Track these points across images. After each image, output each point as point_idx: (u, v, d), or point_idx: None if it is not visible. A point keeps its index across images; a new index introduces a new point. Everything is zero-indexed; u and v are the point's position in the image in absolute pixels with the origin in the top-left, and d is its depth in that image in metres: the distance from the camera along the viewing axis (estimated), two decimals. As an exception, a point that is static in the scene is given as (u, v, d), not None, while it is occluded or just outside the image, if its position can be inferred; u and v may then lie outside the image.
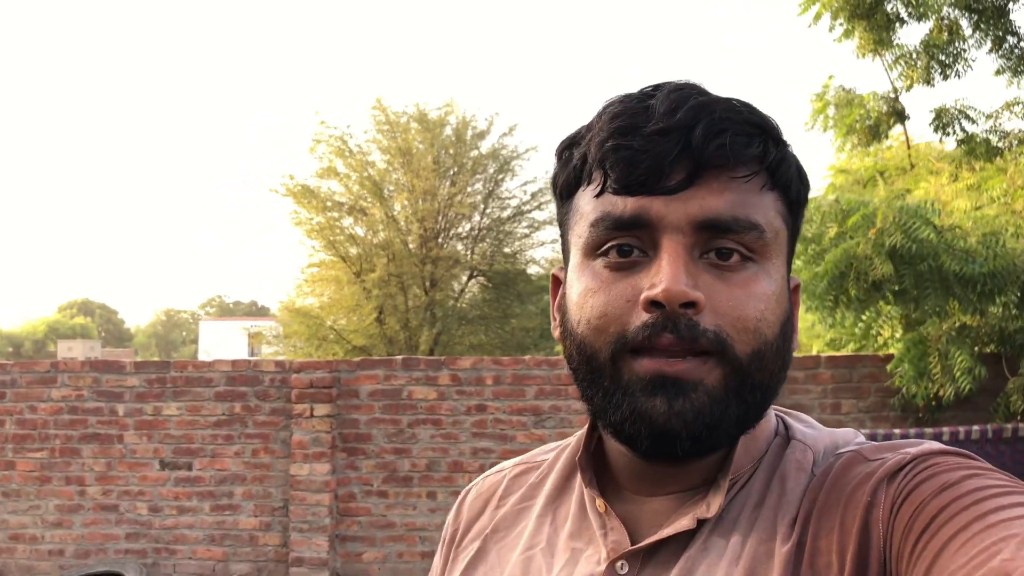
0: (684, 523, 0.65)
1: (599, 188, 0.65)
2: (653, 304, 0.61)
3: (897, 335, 5.16)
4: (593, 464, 0.73)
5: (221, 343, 42.97)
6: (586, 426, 0.74)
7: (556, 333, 0.71)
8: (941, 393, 4.63)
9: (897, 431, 4.40)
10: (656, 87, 0.66)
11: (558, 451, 0.80)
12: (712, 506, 0.65)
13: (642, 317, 0.62)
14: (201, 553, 5.58)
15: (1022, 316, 4.65)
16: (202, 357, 45.40)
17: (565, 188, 0.69)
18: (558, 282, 0.73)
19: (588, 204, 0.66)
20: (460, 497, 0.84)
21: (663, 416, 0.62)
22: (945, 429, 4.41)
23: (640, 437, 0.63)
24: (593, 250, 0.66)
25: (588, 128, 0.67)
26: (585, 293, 0.65)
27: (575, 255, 0.68)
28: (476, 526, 0.79)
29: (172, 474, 5.61)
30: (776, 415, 0.72)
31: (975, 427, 4.46)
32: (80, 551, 5.61)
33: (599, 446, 0.74)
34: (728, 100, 0.65)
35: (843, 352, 6.75)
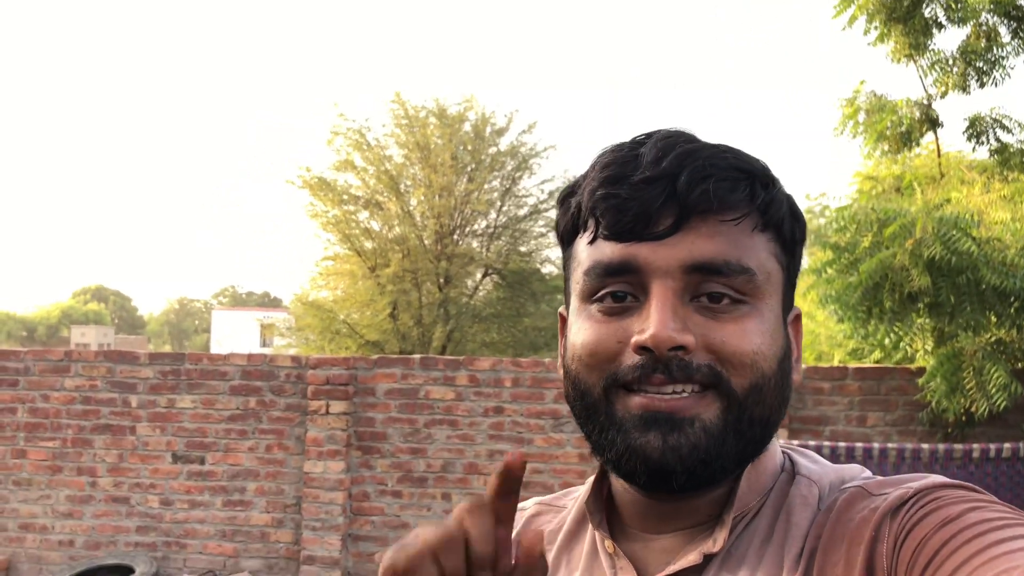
0: (691, 559, 0.66)
1: (592, 236, 0.67)
2: (643, 348, 0.63)
3: (928, 347, 5.03)
4: (604, 506, 0.74)
5: (233, 333, 43.22)
6: (597, 470, 0.75)
7: (560, 373, 0.74)
8: (973, 409, 4.50)
9: (925, 446, 4.27)
10: (648, 135, 0.68)
11: (576, 495, 0.82)
12: (718, 541, 0.66)
13: (633, 358, 0.64)
14: (212, 548, 5.51)
15: (1060, 332, 4.52)
16: (214, 347, 45.63)
17: (565, 235, 0.72)
18: (564, 321, 0.75)
19: (583, 251, 0.69)
20: None
21: (657, 452, 0.63)
22: (976, 446, 4.28)
23: (636, 473, 0.65)
24: (589, 296, 0.68)
25: (584, 177, 0.70)
26: (580, 334, 0.68)
27: (574, 300, 0.70)
28: None
29: (184, 467, 5.55)
30: (782, 451, 0.73)
31: (1007, 444, 4.34)
32: (90, 542, 5.56)
33: (609, 489, 0.76)
34: (715, 147, 0.67)
35: (866, 361, 6.63)
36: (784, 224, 0.69)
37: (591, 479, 0.78)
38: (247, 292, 79.77)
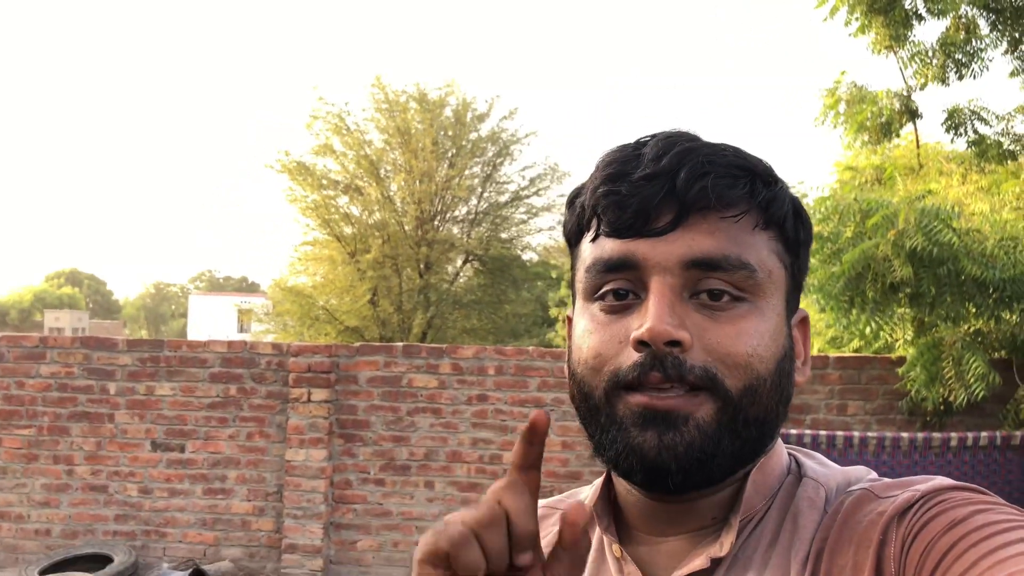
0: (698, 563, 0.66)
1: (594, 234, 0.68)
2: (641, 343, 0.63)
3: (908, 337, 5.08)
4: (611, 509, 0.74)
5: (211, 318, 42.83)
6: (603, 474, 0.76)
7: (567, 372, 0.74)
8: (952, 398, 4.56)
9: (905, 435, 4.33)
10: (652, 135, 0.69)
11: (580, 500, 0.81)
12: (725, 545, 0.66)
13: (632, 357, 0.64)
14: (192, 537, 5.48)
15: (1037, 323, 4.58)
16: (191, 332, 45.22)
17: (572, 236, 0.73)
18: (572, 323, 0.75)
19: (586, 250, 0.70)
20: None
21: (653, 450, 0.63)
22: (954, 434, 4.34)
23: (634, 471, 0.65)
24: (591, 294, 0.69)
25: (589, 177, 0.71)
26: (583, 335, 0.69)
27: (578, 299, 0.71)
28: None
29: (164, 455, 5.50)
30: (788, 453, 0.73)
31: (984, 433, 4.41)
32: (67, 531, 5.50)
33: (615, 492, 0.76)
34: (716, 145, 0.68)
35: (845, 350, 6.69)
36: (787, 223, 0.69)
37: (598, 482, 0.78)
38: (224, 277, 79.10)
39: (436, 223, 16.84)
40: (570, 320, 0.75)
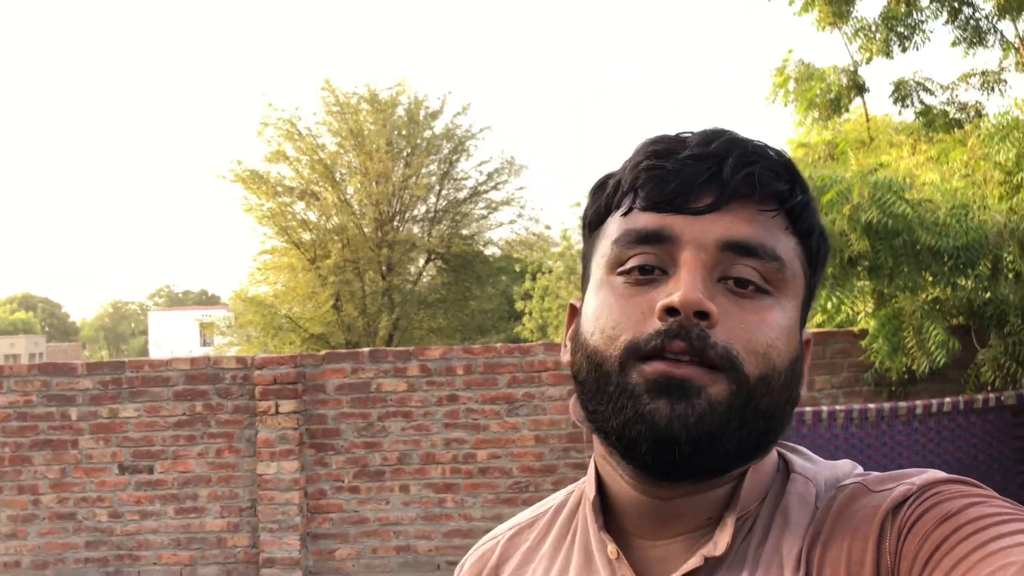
0: (692, 562, 0.65)
1: (628, 208, 0.68)
2: (668, 312, 0.63)
3: (869, 310, 5.16)
4: (602, 510, 0.72)
5: (172, 334, 42.16)
6: (591, 475, 0.73)
7: (565, 359, 0.72)
8: (915, 367, 4.64)
9: (872, 406, 4.39)
10: (693, 131, 0.69)
11: (552, 509, 0.80)
12: (720, 544, 0.65)
13: (655, 325, 0.63)
14: (167, 558, 5.38)
15: (992, 288, 4.68)
16: (152, 349, 44.46)
17: (595, 219, 0.72)
18: (575, 312, 0.74)
19: (615, 224, 0.69)
20: (456, 571, 0.84)
21: (664, 419, 0.62)
22: (919, 402, 4.42)
23: (640, 440, 0.63)
24: (615, 266, 0.67)
25: (624, 162, 0.70)
26: (602, 305, 0.67)
27: (596, 274, 0.70)
28: None
29: (132, 478, 5.39)
30: (776, 450, 0.72)
31: (947, 399, 4.49)
32: (37, 562, 5.37)
33: (605, 496, 0.73)
34: (762, 142, 0.68)
35: (808, 326, 6.78)
36: (813, 236, 0.70)
37: (575, 486, 0.76)
38: (183, 291, 77.85)
39: (395, 224, 16.73)
40: (573, 308, 0.75)
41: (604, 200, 0.71)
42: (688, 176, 0.65)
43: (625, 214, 0.68)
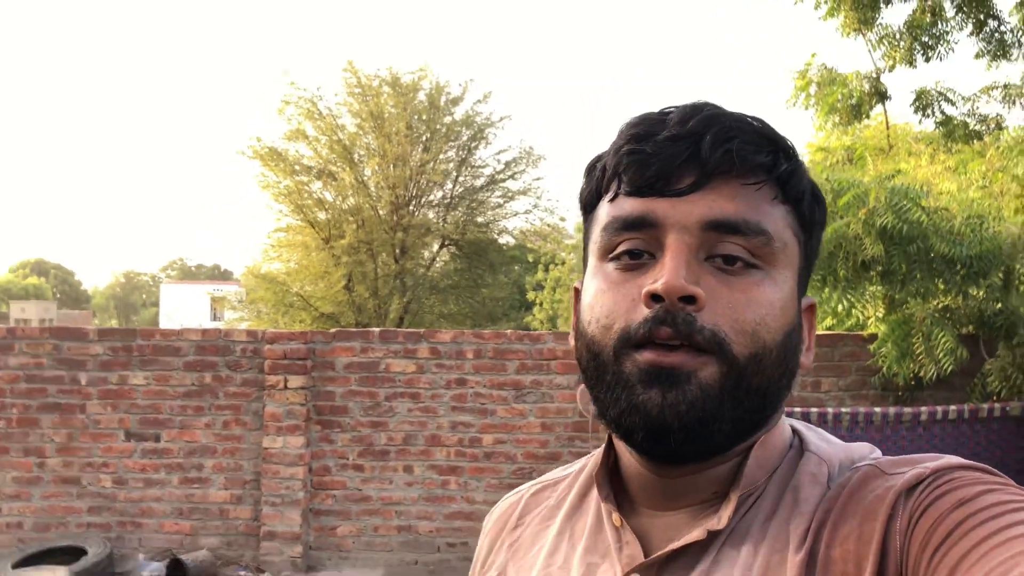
0: (695, 534, 0.66)
1: (614, 194, 0.68)
2: (653, 298, 0.63)
3: (879, 314, 5.16)
4: (611, 481, 0.74)
5: (183, 307, 42.37)
6: (604, 444, 0.76)
7: (571, 342, 0.73)
8: (922, 373, 4.64)
9: (877, 410, 4.40)
10: (677, 106, 0.69)
11: (576, 471, 0.82)
12: (723, 518, 0.65)
13: (643, 312, 0.64)
14: (168, 527, 5.44)
15: (1003, 299, 4.67)
16: (164, 321, 44.69)
17: (588, 201, 0.73)
18: (579, 295, 0.74)
19: (604, 210, 0.70)
20: (484, 521, 0.88)
21: (656, 408, 0.63)
22: (924, 409, 4.42)
23: (636, 430, 0.65)
24: (606, 253, 0.68)
25: (611, 143, 0.71)
26: (596, 294, 0.68)
27: (591, 260, 0.71)
28: (496, 549, 0.82)
29: (138, 445, 5.45)
30: (791, 427, 0.73)
31: (953, 407, 4.49)
32: (39, 524, 5.44)
33: (616, 464, 0.75)
34: (741, 114, 0.68)
35: (818, 328, 6.77)
36: (804, 201, 0.69)
37: (598, 451, 0.77)
38: (196, 265, 78.22)
39: (411, 208, 16.75)
40: (577, 291, 0.75)
41: (595, 183, 0.71)
42: (667, 158, 0.65)
43: (612, 199, 0.68)
